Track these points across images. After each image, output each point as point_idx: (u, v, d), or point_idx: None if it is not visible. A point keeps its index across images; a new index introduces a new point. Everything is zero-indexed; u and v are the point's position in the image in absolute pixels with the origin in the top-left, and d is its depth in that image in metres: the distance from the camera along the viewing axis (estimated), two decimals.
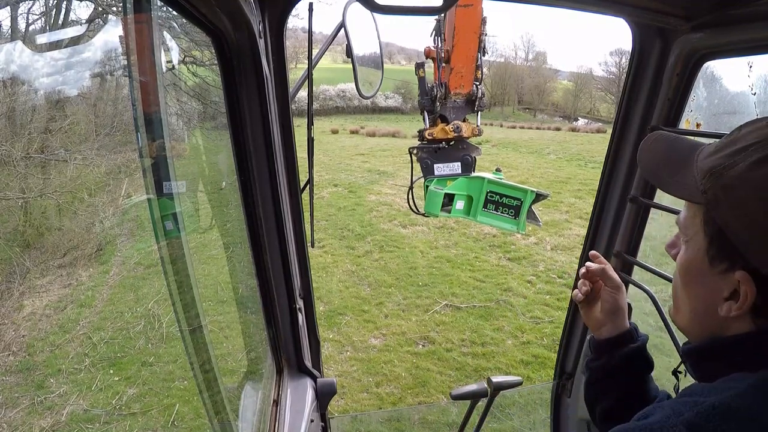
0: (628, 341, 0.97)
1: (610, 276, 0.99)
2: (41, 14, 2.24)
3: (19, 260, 2.59)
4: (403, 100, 45.87)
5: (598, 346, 1.00)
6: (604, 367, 0.99)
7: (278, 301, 1.56)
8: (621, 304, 0.99)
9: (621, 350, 0.97)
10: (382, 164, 16.13)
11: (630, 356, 0.96)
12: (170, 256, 0.97)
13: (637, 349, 0.96)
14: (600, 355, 1.00)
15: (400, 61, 73.29)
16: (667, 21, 1.37)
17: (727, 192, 0.63)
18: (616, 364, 0.97)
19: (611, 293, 0.99)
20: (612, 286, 0.99)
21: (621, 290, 0.99)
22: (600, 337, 1.00)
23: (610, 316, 0.99)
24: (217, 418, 1.16)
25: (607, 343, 0.98)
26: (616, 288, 0.99)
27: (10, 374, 2.94)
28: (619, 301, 0.99)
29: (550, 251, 8.51)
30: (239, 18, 1.06)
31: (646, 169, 0.81)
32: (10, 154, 1.99)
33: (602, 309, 1.00)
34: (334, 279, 7.39)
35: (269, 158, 1.32)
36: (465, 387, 2.01)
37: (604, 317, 1.00)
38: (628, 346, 0.97)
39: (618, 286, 0.99)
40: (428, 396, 4.78)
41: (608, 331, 0.99)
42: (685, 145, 0.75)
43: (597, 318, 1.01)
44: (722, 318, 0.66)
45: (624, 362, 0.96)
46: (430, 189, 2.05)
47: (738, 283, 0.63)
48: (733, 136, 0.66)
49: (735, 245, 0.63)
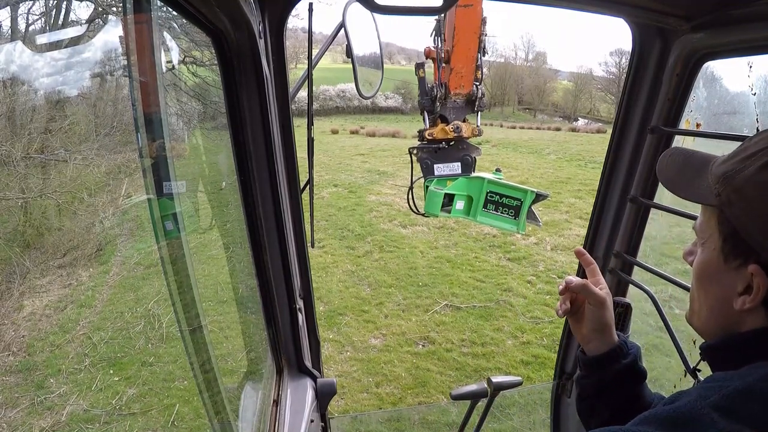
0: (619, 357, 0.95)
1: (592, 292, 0.94)
2: (41, 14, 2.24)
3: (19, 260, 2.59)
4: (403, 100, 45.87)
5: (587, 364, 0.98)
6: (594, 385, 0.97)
7: (278, 301, 1.56)
8: (606, 320, 0.95)
9: (611, 367, 0.94)
10: (382, 164, 16.13)
11: (621, 372, 0.94)
12: (170, 256, 0.97)
13: (627, 365, 0.94)
14: (590, 372, 0.97)
15: (400, 61, 73.30)
16: (667, 21, 1.37)
17: (738, 193, 0.68)
18: (607, 382, 0.95)
19: (594, 311, 0.95)
20: (595, 302, 0.94)
21: (605, 306, 0.95)
22: (588, 353, 0.98)
23: (596, 333, 0.96)
24: (217, 418, 1.16)
25: (598, 360, 0.96)
26: (599, 304, 0.94)
27: (10, 374, 2.94)
28: (603, 318, 0.95)
29: (550, 251, 8.51)
30: (239, 18, 1.06)
31: (665, 178, 0.85)
32: (10, 154, 1.99)
33: (587, 327, 0.97)
34: (334, 279, 7.39)
35: (269, 158, 1.32)
36: (465, 387, 2.01)
37: (590, 334, 0.96)
38: (619, 363, 0.94)
39: (601, 302, 0.94)
40: (428, 396, 4.78)
41: (596, 347, 0.96)
42: (700, 157, 0.81)
43: (583, 334, 0.98)
44: (737, 313, 0.70)
45: (615, 379, 0.95)
46: (430, 189, 2.05)
47: (751, 277, 0.67)
48: (744, 146, 0.72)
49: (748, 242, 0.68)
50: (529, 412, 3.43)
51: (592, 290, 0.94)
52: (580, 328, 0.99)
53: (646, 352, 1.79)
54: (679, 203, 1.49)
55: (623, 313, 1.75)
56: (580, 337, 0.99)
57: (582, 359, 0.99)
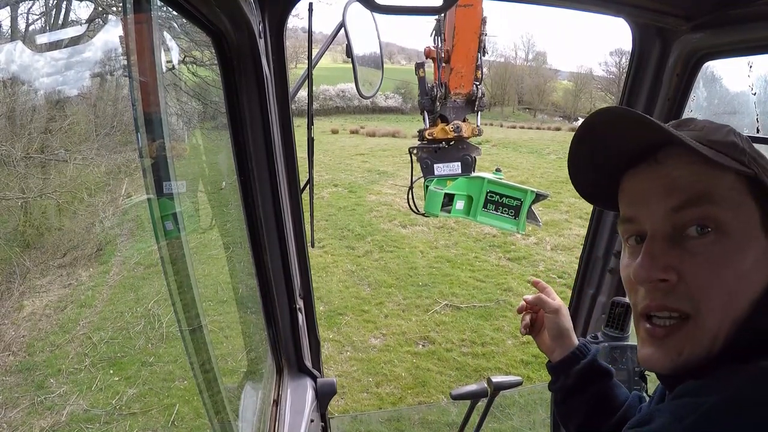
0: (579, 358, 0.99)
1: (546, 302, 1.01)
2: (41, 14, 2.24)
3: (19, 260, 2.59)
4: (403, 100, 45.82)
5: (553, 369, 1.03)
6: (563, 388, 1.01)
7: (278, 301, 1.56)
8: (564, 325, 1.01)
9: (573, 369, 0.99)
10: (382, 164, 16.13)
11: (583, 372, 0.98)
12: (170, 256, 0.97)
13: (588, 364, 0.98)
14: (557, 377, 1.02)
15: (400, 61, 73.24)
16: (667, 21, 1.37)
17: (758, 161, 0.61)
18: (573, 383, 0.99)
19: (552, 318, 1.01)
20: (551, 310, 1.01)
21: (560, 312, 1.01)
22: (554, 361, 1.03)
23: (558, 341, 1.01)
24: (217, 418, 1.16)
25: (560, 364, 1.01)
26: (555, 311, 1.01)
27: (10, 374, 2.95)
28: (561, 323, 1.01)
29: (550, 251, 8.51)
30: (239, 18, 1.06)
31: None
32: (10, 154, 1.99)
33: (549, 335, 1.02)
34: (334, 279, 7.39)
35: (269, 158, 1.32)
36: (465, 387, 2.01)
37: (552, 343, 1.02)
38: (579, 363, 0.98)
39: (556, 309, 1.01)
40: (428, 396, 4.78)
41: (559, 354, 1.01)
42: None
43: (547, 345, 1.03)
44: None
45: (579, 379, 0.98)
46: (430, 189, 2.05)
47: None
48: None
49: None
50: (529, 412, 3.44)
51: (546, 300, 1.02)
52: (544, 341, 1.04)
53: None
54: None
55: (623, 313, 1.75)
56: (545, 349, 1.04)
57: (548, 366, 1.05)
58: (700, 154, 0.59)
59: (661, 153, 0.64)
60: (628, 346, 1.65)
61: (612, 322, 1.76)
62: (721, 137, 0.63)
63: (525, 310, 1.06)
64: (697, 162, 0.60)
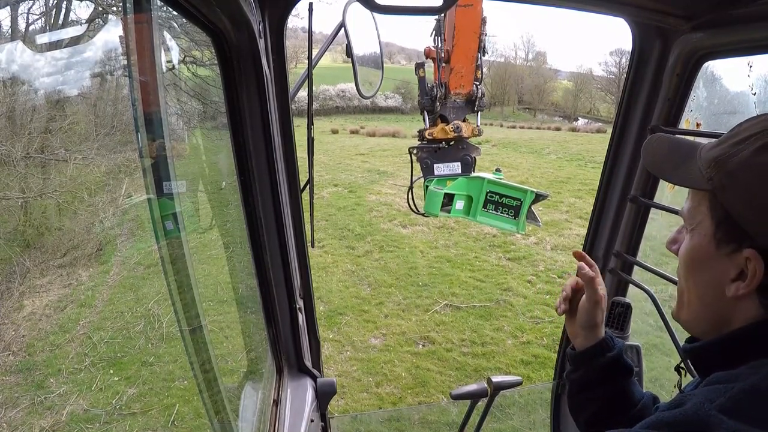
0: (604, 351, 0.97)
1: (595, 288, 0.97)
2: (41, 14, 2.24)
3: (19, 260, 2.59)
4: (403, 100, 45.81)
5: (574, 358, 1.01)
6: (582, 378, 0.99)
7: (278, 301, 1.56)
8: (597, 319, 0.98)
9: (597, 361, 0.97)
10: (382, 164, 16.13)
11: (607, 366, 0.97)
12: (170, 256, 0.97)
13: (613, 359, 0.97)
14: (577, 367, 1.00)
15: (400, 61, 73.21)
16: (667, 21, 1.37)
17: (732, 178, 0.67)
18: (594, 376, 0.98)
19: (588, 309, 0.98)
20: (593, 299, 0.97)
21: (599, 305, 0.97)
22: (575, 348, 1.01)
23: (585, 330, 0.99)
24: (217, 418, 1.16)
25: (582, 355, 0.99)
26: (595, 303, 0.97)
27: (10, 374, 2.95)
28: (595, 317, 0.98)
29: (550, 251, 8.51)
30: (239, 18, 1.06)
31: (650, 164, 0.84)
32: (10, 154, 1.99)
33: (578, 322, 1.00)
34: (334, 279, 7.39)
35: (269, 158, 1.32)
36: (465, 387, 2.01)
37: (579, 330, 1.00)
38: (604, 356, 0.97)
39: (598, 301, 0.97)
40: (428, 396, 4.78)
41: (582, 342, 0.99)
42: (686, 144, 0.80)
43: (573, 329, 1.02)
44: (729, 301, 0.69)
45: (601, 373, 0.97)
46: (429, 189, 2.05)
47: (746, 262, 0.66)
48: (735, 131, 0.70)
49: (742, 227, 0.66)
50: (529, 412, 3.43)
51: (595, 286, 0.97)
52: (572, 324, 1.02)
53: (646, 351, 1.79)
54: (680, 203, 1.49)
55: (623, 312, 1.75)
56: (570, 330, 1.03)
57: (570, 354, 1.03)
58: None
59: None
60: (628, 346, 1.65)
61: (612, 322, 1.76)
62: (710, 154, 0.71)
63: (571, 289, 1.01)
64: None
